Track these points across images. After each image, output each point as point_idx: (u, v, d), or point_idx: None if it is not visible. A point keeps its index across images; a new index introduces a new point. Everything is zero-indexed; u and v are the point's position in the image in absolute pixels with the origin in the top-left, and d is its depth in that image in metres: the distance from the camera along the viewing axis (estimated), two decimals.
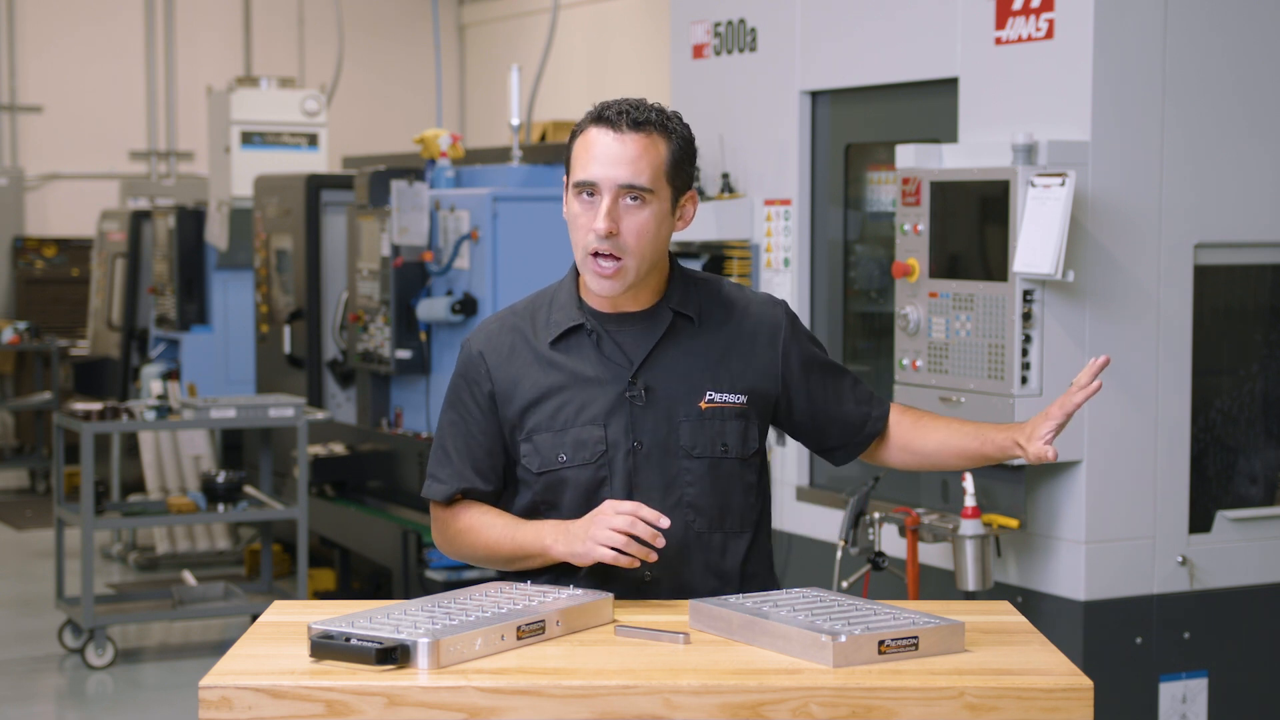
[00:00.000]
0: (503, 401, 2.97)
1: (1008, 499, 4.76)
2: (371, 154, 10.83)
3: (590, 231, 2.85)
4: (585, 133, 2.89)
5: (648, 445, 2.90)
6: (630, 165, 2.85)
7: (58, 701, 7.01)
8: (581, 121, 2.92)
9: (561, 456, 2.92)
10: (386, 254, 7.54)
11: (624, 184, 2.85)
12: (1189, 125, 4.82)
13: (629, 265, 2.87)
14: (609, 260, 2.86)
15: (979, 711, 2.37)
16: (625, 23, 13.20)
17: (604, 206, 2.84)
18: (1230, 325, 5.11)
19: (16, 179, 13.72)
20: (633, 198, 2.85)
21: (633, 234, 2.85)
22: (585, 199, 2.87)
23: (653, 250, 2.89)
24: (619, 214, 2.85)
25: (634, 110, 2.88)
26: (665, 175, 2.88)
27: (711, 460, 2.93)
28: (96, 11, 14.43)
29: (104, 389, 11.14)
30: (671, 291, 2.97)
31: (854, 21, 5.51)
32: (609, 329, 2.95)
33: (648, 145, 2.86)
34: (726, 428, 2.94)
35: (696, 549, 2.92)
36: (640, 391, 2.91)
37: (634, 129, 2.86)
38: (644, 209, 2.86)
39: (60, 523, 7.64)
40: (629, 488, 2.90)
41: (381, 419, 7.97)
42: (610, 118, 2.87)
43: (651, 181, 2.86)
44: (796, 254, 5.77)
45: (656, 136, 2.88)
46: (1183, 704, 4.86)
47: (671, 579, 2.92)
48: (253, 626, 2.75)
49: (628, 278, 2.88)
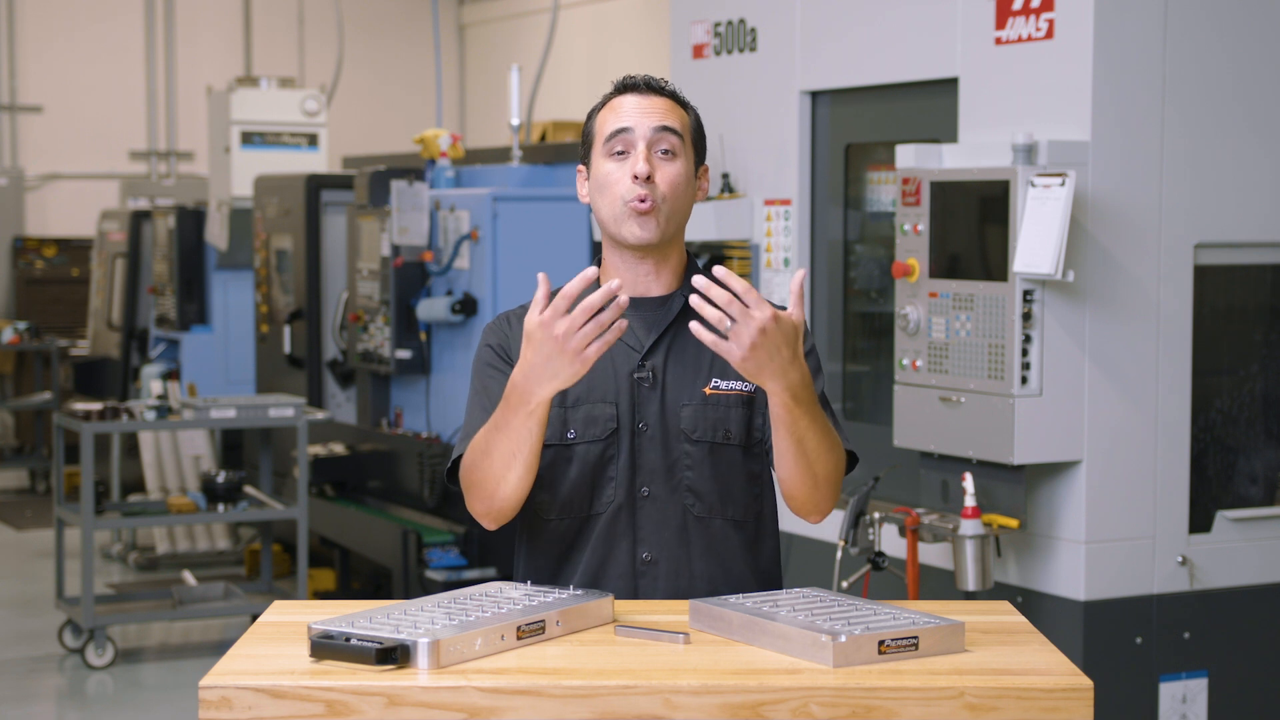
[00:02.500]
0: None
1: (1008, 499, 4.76)
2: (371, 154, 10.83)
3: (624, 182, 2.91)
4: (608, 103, 2.99)
5: (652, 427, 2.93)
6: (661, 114, 2.95)
7: (58, 701, 7.01)
8: (599, 102, 3.02)
9: (570, 432, 2.94)
10: (386, 254, 7.55)
11: (658, 126, 2.93)
12: (1189, 125, 4.82)
13: (664, 211, 2.92)
14: (647, 203, 2.91)
15: (979, 711, 2.37)
16: (625, 23, 13.20)
17: (640, 152, 2.92)
18: (1230, 325, 5.11)
19: (16, 179, 13.72)
20: (664, 150, 2.93)
21: (667, 183, 2.92)
22: (617, 157, 2.94)
23: (683, 206, 2.96)
24: (655, 163, 2.93)
25: (654, 79, 3.00)
26: (690, 135, 2.98)
27: (712, 445, 2.94)
28: (96, 11, 14.43)
29: (104, 389, 11.15)
30: (687, 281, 3.00)
31: (854, 21, 5.51)
32: (626, 311, 2.96)
33: (673, 106, 2.98)
34: (730, 415, 2.95)
35: (696, 533, 2.93)
36: (649, 373, 2.94)
37: (659, 92, 2.98)
38: (675, 161, 2.94)
39: (60, 523, 7.64)
40: (632, 468, 2.92)
41: (381, 419, 7.97)
42: (634, 84, 2.99)
43: (682, 131, 2.96)
44: (796, 254, 5.77)
45: (680, 103, 3.01)
46: (1183, 704, 4.86)
47: (670, 561, 2.93)
48: (253, 626, 2.74)
49: (662, 224, 2.93)
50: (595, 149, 2.98)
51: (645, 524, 2.93)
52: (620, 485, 2.93)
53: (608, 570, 2.93)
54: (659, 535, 2.90)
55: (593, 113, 3.02)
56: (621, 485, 2.93)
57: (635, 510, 2.93)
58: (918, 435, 4.95)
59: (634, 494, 2.93)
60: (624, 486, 2.93)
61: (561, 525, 2.96)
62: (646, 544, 2.92)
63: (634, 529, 2.93)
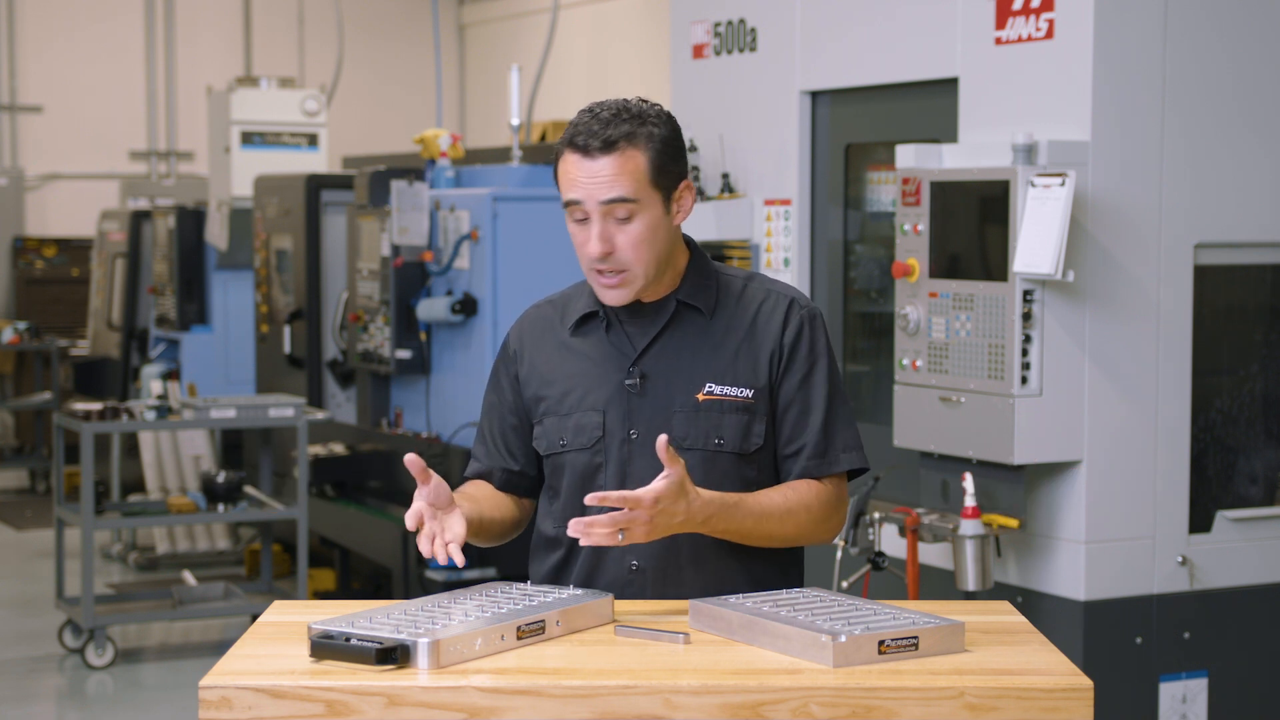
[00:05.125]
0: (525, 384, 3.03)
1: (1008, 499, 4.76)
2: (371, 154, 10.84)
3: (589, 245, 2.87)
4: (563, 157, 2.89)
5: (642, 434, 2.91)
6: (609, 182, 2.84)
7: (58, 701, 7.01)
8: (559, 142, 2.92)
9: (562, 441, 2.96)
10: (386, 254, 7.55)
11: (605, 200, 2.84)
12: (1189, 125, 4.82)
13: (635, 273, 2.89)
14: (612, 275, 2.89)
15: (979, 711, 2.37)
16: (625, 23, 13.20)
17: (595, 230, 2.86)
18: (1230, 325, 5.11)
19: (16, 179, 13.71)
20: (621, 215, 2.85)
21: (629, 248, 2.87)
22: (577, 220, 2.89)
23: (656, 254, 2.90)
24: (611, 232, 2.86)
25: (603, 129, 2.85)
26: (649, 183, 2.87)
27: (704, 453, 2.91)
28: (96, 11, 14.43)
29: (104, 389, 11.15)
30: (684, 283, 2.98)
31: (854, 21, 5.51)
32: (620, 318, 2.98)
33: (623, 162, 2.85)
34: (724, 421, 2.92)
35: (685, 541, 2.91)
36: (637, 380, 2.93)
37: (604, 151, 2.84)
38: (634, 221, 2.87)
39: (60, 523, 7.64)
40: (622, 476, 2.92)
41: (381, 419, 7.97)
42: (579, 144, 2.86)
43: (635, 193, 2.85)
44: (796, 254, 5.77)
45: (631, 150, 2.85)
46: (1183, 704, 4.86)
47: (657, 571, 2.91)
48: (253, 626, 2.75)
49: (635, 284, 2.90)
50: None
51: None
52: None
53: (598, 578, 2.94)
54: (647, 544, 2.86)
55: (555, 154, 2.93)
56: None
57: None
58: (918, 435, 4.95)
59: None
60: None
61: (560, 532, 2.97)
62: (635, 552, 2.91)
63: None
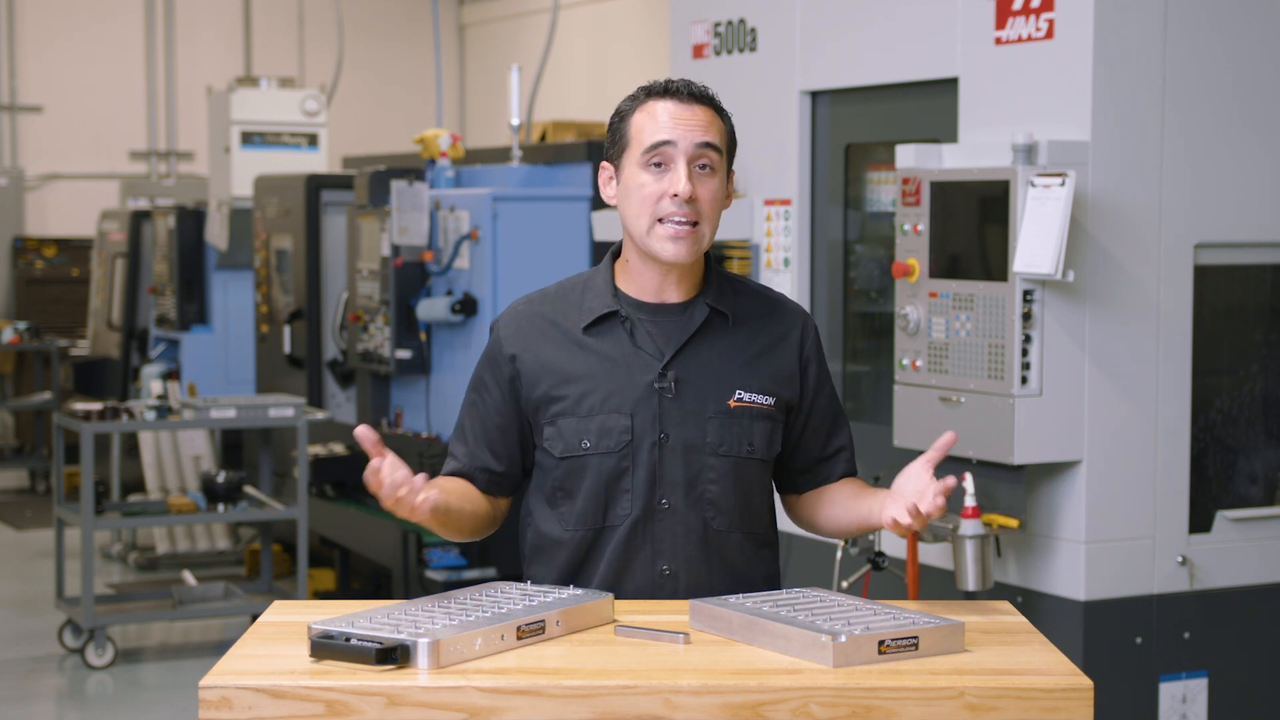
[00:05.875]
0: (527, 384, 2.95)
1: (1008, 499, 4.76)
2: (371, 154, 10.83)
3: (665, 198, 2.85)
4: (644, 105, 2.89)
5: (674, 439, 2.89)
6: (704, 128, 2.87)
7: (58, 701, 7.01)
8: (630, 101, 2.92)
9: (585, 443, 2.90)
10: (386, 254, 7.55)
11: (701, 143, 2.86)
12: (1189, 125, 4.82)
13: (704, 230, 2.89)
14: (685, 224, 2.86)
15: (979, 711, 2.37)
16: (625, 23, 13.20)
17: (682, 170, 2.85)
18: (1230, 325, 5.11)
19: (16, 179, 13.72)
20: (702, 165, 2.87)
21: (707, 200, 2.88)
22: (654, 168, 2.87)
23: (716, 222, 2.92)
24: (695, 180, 2.87)
25: (693, 84, 2.92)
26: (726, 147, 2.92)
27: (736, 460, 2.91)
28: (96, 11, 14.43)
29: (104, 389, 11.15)
30: (709, 286, 2.97)
31: (854, 21, 5.51)
32: (643, 318, 2.94)
33: (713, 116, 2.91)
34: (754, 428, 2.92)
35: (715, 547, 2.91)
36: (670, 383, 2.90)
37: (700, 101, 2.90)
38: (713, 177, 2.89)
39: (60, 523, 7.64)
40: (652, 480, 2.89)
41: (381, 419, 7.98)
42: (674, 89, 2.90)
43: (721, 145, 2.90)
44: (796, 254, 5.77)
45: (717, 113, 2.92)
46: (1183, 704, 4.86)
47: (690, 575, 2.91)
48: (253, 626, 2.74)
49: (701, 242, 2.89)
50: (629, 153, 2.90)
51: (664, 536, 2.90)
52: (637, 497, 2.89)
53: (625, 583, 2.91)
54: (680, 548, 2.88)
55: (625, 111, 2.92)
56: (639, 497, 2.89)
57: (653, 522, 2.89)
58: (918, 435, 4.95)
59: (652, 506, 2.89)
60: (641, 499, 2.89)
61: (576, 536, 2.93)
62: (665, 557, 2.90)
63: (652, 541, 2.90)
